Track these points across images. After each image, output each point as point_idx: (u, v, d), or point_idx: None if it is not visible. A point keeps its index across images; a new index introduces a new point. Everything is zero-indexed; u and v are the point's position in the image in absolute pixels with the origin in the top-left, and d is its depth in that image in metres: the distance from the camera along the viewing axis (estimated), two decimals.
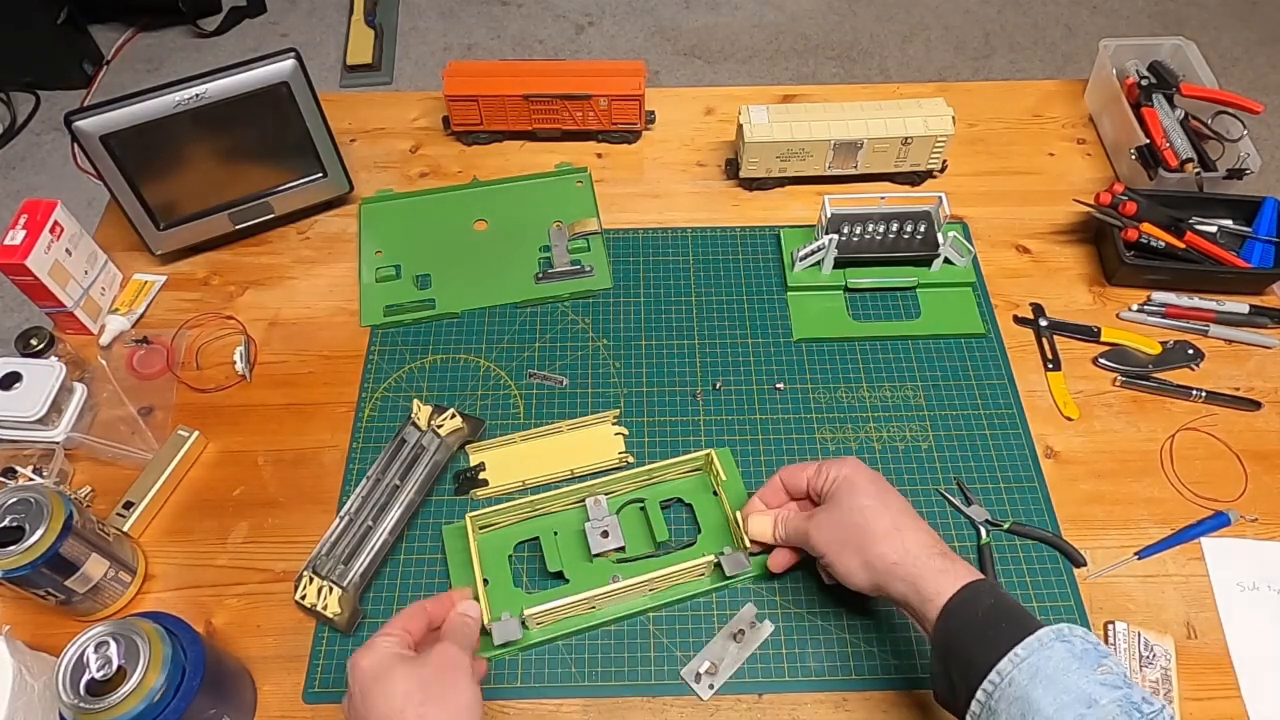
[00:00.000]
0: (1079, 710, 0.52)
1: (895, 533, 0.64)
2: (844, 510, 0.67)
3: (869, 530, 0.65)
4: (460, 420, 0.81)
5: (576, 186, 1.03)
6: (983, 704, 0.55)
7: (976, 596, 0.59)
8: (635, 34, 2.49)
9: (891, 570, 0.63)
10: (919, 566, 0.62)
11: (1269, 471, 0.82)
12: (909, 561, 0.62)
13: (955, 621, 0.59)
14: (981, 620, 0.58)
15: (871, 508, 0.66)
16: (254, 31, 2.50)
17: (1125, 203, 0.92)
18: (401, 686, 0.57)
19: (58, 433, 0.81)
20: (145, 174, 0.88)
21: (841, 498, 0.68)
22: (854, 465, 0.69)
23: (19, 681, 0.64)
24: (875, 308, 0.93)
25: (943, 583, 0.60)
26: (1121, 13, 2.51)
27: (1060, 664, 0.54)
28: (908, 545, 0.63)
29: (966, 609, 0.59)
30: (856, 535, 0.65)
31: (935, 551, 0.63)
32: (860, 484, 0.68)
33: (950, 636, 0.59)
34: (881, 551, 0.64)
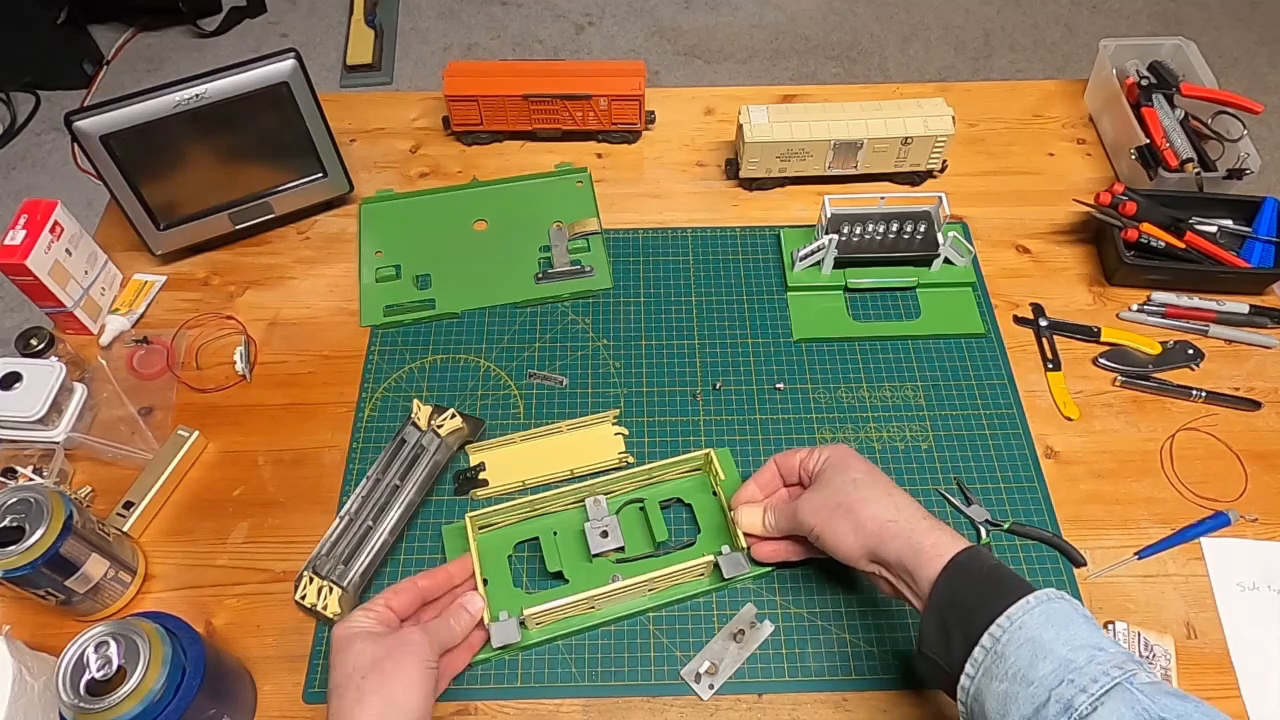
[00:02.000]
0: (1091, 653, 0.52)
1: (887, 496, 0.65)
2: (834, 484, 0.67)
3: (860, 495, 0.65)
4: (460, 420, 0.81)
5: (576, 186, 1.03)
6: (988, 649, 0.55)
7: (979, 556, 0.59)
8: (635, 34, 2.49)
9: (885, 528, 0.63)
10: (914, 524, 0.62)
11: (1269, 471, 0.82)
12: (903, 518, 0.63)
13: (960, 575, 0.58)
14: (987, 575, 0.58)
15: (862, 479, 0.67)
16: (254, 31, 2.50)
17: (1125, 203, 0.92)
18: (354, 659, 0.61)
19: (58, 433, 0.81)
20: (145, 174, 0.88)
21: (832, 475, 0.68)
22: (845, 448, 0.71)
23: (19, 681, 0.64)
24: (875, 308, 0.93)
25: (940, 539, 0.61)
26: (1121, 13, 2.51)
27: (1068, 616, 0.54)
28: (899, 505, 0.64)
29: (972, 565, 0.59)
30: (848, 499, 0.65)
31: (928, 514, 0.64)
32: (851, 462, 0.69)
33: (954, 589, 0.58)
34: (874, 511, 0.64)
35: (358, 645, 0.61)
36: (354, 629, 0.63)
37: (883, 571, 0.64)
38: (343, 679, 0.60)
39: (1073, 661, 0.52)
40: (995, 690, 0.53)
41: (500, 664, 0.72)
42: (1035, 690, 0.51)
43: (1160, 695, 0.50)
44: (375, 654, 0.61)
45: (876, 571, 0.65)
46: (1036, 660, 0.52)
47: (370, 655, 0.61)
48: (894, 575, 0.63)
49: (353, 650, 0.61)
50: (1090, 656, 0.52)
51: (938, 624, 0.58)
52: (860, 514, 0.64)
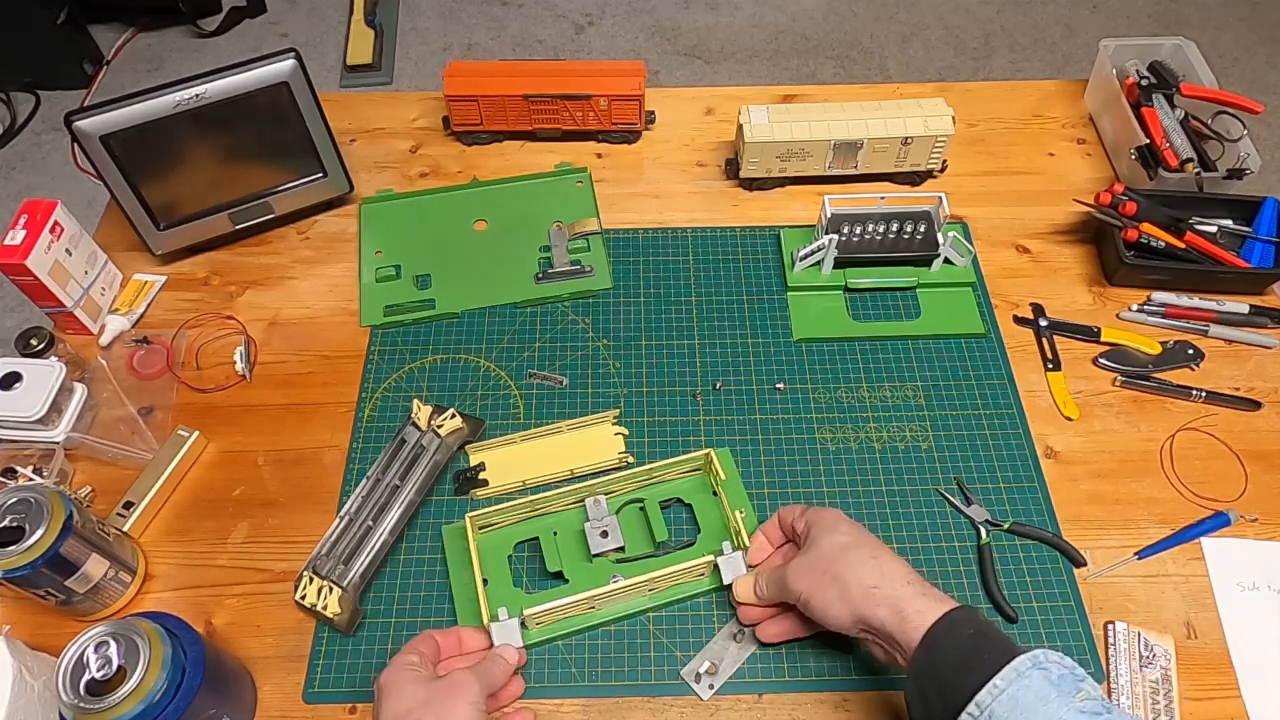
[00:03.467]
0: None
1: (873, 560, 0.64)
2: (821, 548, 0.66)
3: (846, 559, 0.64)
4: (460, 420, 0.81)
5: (576, 186, 1.03)
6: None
7: (956, 625, 0.58)
8: (635, 34, 2.49)
9: (871, 595, 0.62)
10: (899, 589, 0.61)
11: (1269, 471, 0.82)
12: (887, 585, 0.62)
13: (937, 650, 0.58)
14: (962, 648, 0.57)
15: (848, 541, 0.66)
16: (254, 31, 2.50)
17: (1125, 203, 0.92)
18: (406, 701, 0.60)
19: (58, 433, 0.81)
20: (145, 174, 0.88)
21: (818, 537, 0.67)
22: (833, 511, 0.70)
23: (19, 681, 0.64)
24: (875, 308, 0.93)
25: (925, 605, 0.60)
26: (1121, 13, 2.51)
27: (1038, 693, 0.53)
28: (885, 570, 0.63)
29: (948, 636, 0.58)
30: (833, 566, 0.64)
31: (914, 578, 0.63)
32: (838, 525, 0.68)
33: (931, 664, 0.58)
34: (860, 576, 0.63)
35: (408, 689, 0.61)
36: (402, 672, 0.62)
37: (873, 637, 0.63)
38: (399, 711, 0.60)
39: None
40: None
41: None
42: None
43: None
44: (427, 695, 0.60)
45: (867, 637, 0.64)
46: None
47: (423, 696, 0.60)
48: (883, 641, 0.62)
49: (404, 693, 0.61)
50: None
51: (919, 695, 0.58)
52: (846, 580, 0.63)
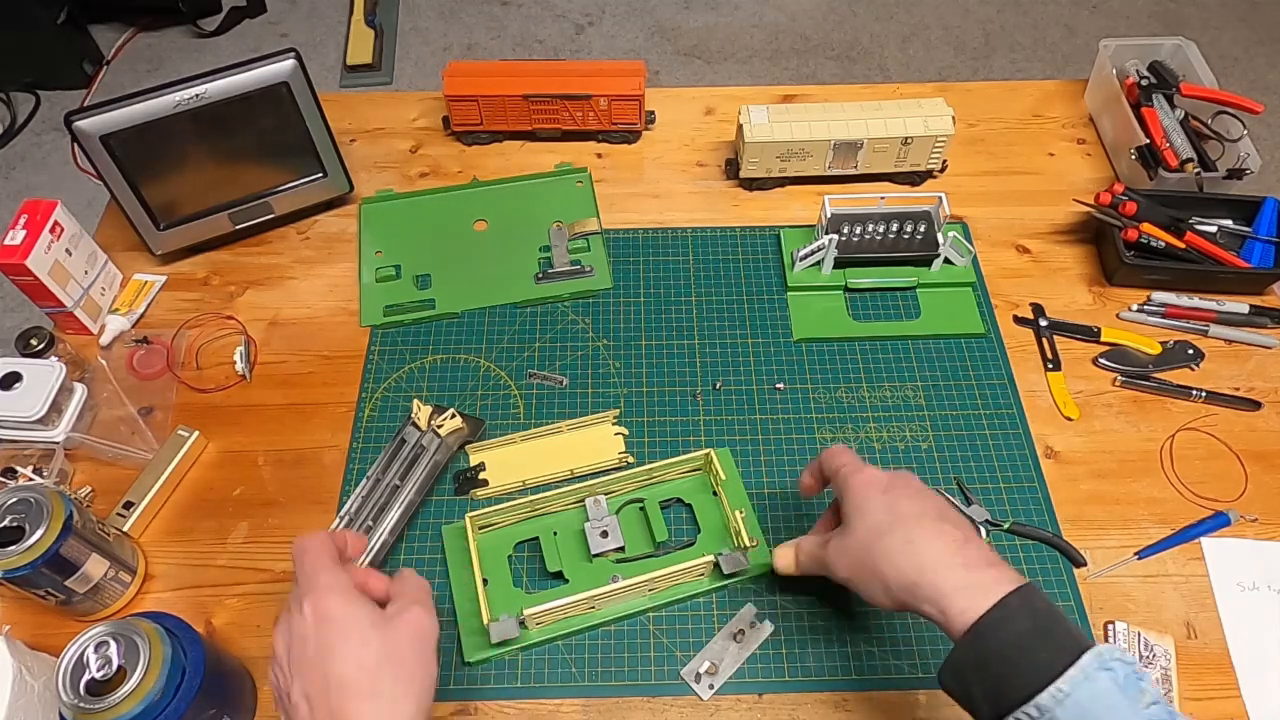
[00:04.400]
0: None
1: (908, 547, 0.58)
2: (855, 534, 0.62)
3: (882, 549, 0.59)
4: (460, 420, 0.81)
5: (576, 186, 1.03)
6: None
7: (1008, 619, 0.53)
8: (635, 34, 2.49)
9: (912, 591, 0.57)
10: (940, 580, 0.56)
11: (1269, 471, 0.82)
12: (926, 581, 0.56)
13: (984, 644, 0.53)
14: (1015, 645, 0.52)
15: (882, 524, 0.60)
16: (254, 31, 2.50)
17: (1125, 203, 0.92)
18: (373, 653, 0.51)
19: (58, 433, 0.81)
20: (145, 174, 0.88)
21: (852, 518, 0.63)
22: (866, 477, 0.64)
23: (19, 681, 0.64)
24: (875, 308, 0.93)
25: (970, 599, 0.54)
26: (1121, 13, 2.51)
27: (1106, 701, 0.49)
28: (923, 561, 0.57)
29: (997, 633, 0.53)
30: (870, 557, 0.60)
31: (957, 562, 0.57)
32: (868, 499, 0.62)
33: (978, 660, 0.53)
34: (899, 570, 0.58)
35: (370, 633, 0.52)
36: (355, 604, 0.53)
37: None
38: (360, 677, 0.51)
39: None
40: None
41: (500, 664, 0.72)
42: None
43: None
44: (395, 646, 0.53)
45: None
46: None
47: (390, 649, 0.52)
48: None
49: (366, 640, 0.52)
50: None
51: (956, 680, 0.55)
52: (884, 574, 0.59)
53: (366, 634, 0.52)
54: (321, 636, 0.51)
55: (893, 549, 0.59)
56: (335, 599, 0.53)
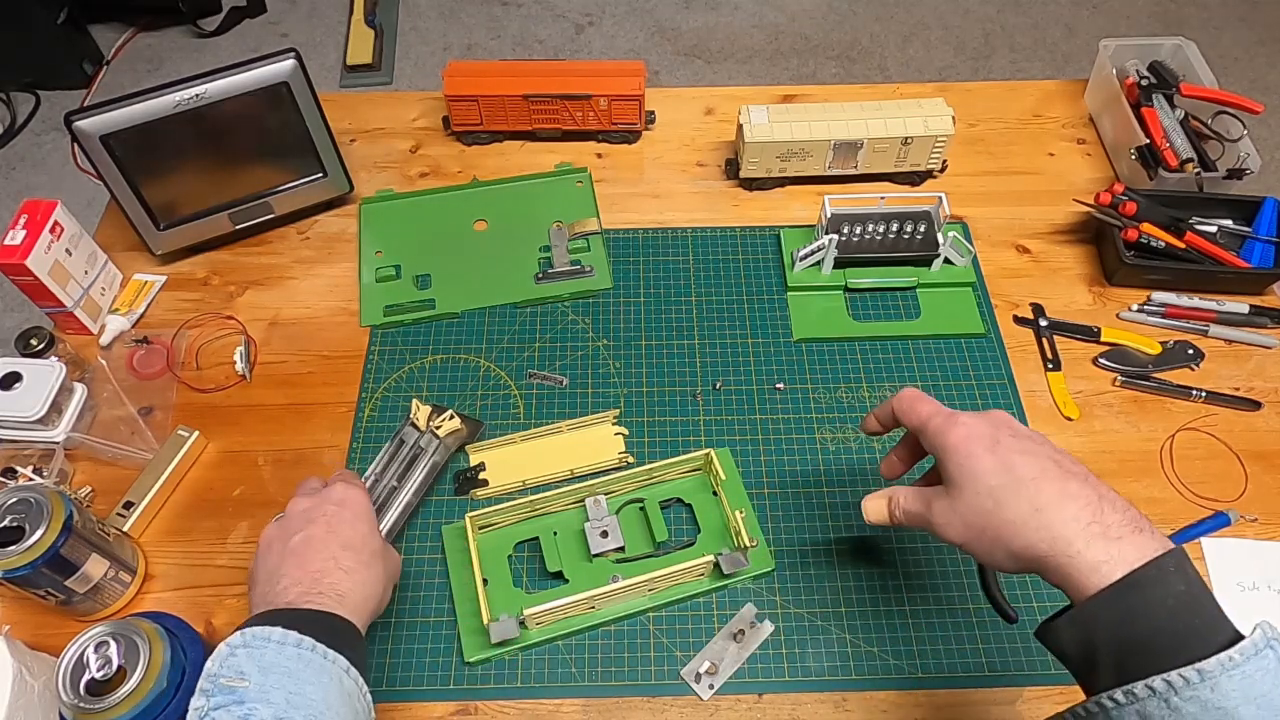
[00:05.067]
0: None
1: (1036, 516, 0.52)
2: (966, 496, 0.55)
3: (1004, 520, 0.53)
4: (459, 422, 0.81)
5: (576, 186, 1.03)
6: (1157, 692, 0.45)
7: (1163, 579, 0.48)
8: (635, 34, 2.49)
9: (1041, 563, 0.52)
10: (1075, 559, 0.50)
11: (1269, 471, 0.82)
12: (1058, 552, 0.51)
13: (1132, 598, 0.48)
14: (1170, 608, 0.48)
15: (999, 487, 0.54)
16: (254, 31, 2.50)
17: (1125, 203, 0.92)
18: (367, 545, 0.64)
19: (58, 433, 0.81)
20: (145, 174, 0.88)
21: (960, 483, 0.56)
22: (965, 429, 0.57)
23: (19, 681, 0.64)
24: (875, 308, 0.93)
25: (1107, 558, 0.49)
26: (1121, 13, 2.51)
27: (1274, 678, 0.45)
28: (1056, 532, 0.51)
29: (1151, 591, 0.48)
30: (992, 525, 0.54)
31: (1093, 532, 0.51)
32: (978, 456, 0.56)
33: (1118, 611, 0.49)
34: (1026, 543, 0.52)
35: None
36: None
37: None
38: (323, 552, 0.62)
39: None
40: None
41: (500, 664, 0.72)
42: None
43: None
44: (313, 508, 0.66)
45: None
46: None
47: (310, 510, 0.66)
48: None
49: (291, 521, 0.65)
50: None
51: (1081, 634, 0.50)
52: (1012, 545, 0.53)
53: (370, 533, 0.65)
54: (346, 508, 0.64)
55: (1019, 519, 0.53)
56: (354, 490, 0.67)
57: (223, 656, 0.51)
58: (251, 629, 0.52)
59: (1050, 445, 0.58)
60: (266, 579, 0.60)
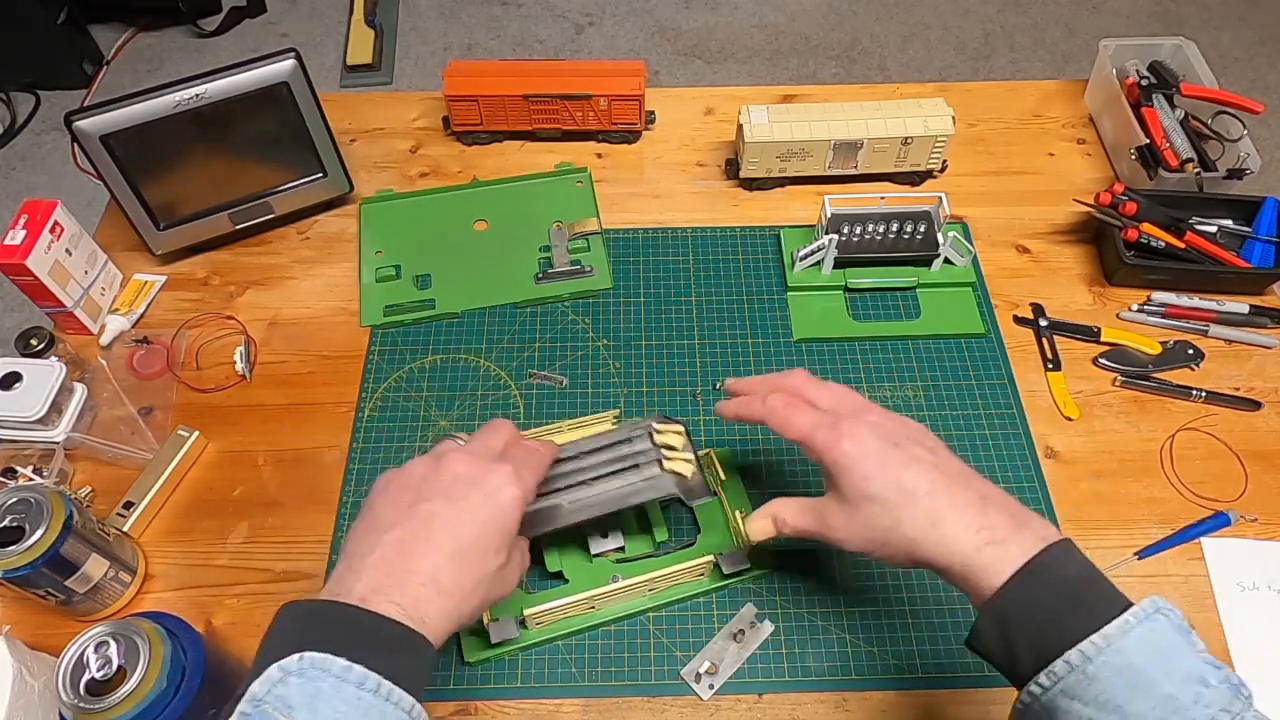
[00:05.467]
0: (1196, 689, 0.47)
1: (933, 530, 0.55)
2: (864, 513, 0.57)
3: (904, 535, 0.56)
4: (691, 466, 0.70)
5: (576, 186, 1.03)
6: (1075, 666, 0.48)
7: (1057, 562, 0.52)
8: (635, 34, 2.49)
9: (942, 571, 0.55)
10: (969, 564, 0.53)
11: (1269, 471, 0.82)
12: (955, 561, 0.54)
13: (1034, 581, 0.51)
14: (1069, 585, 0.51)
15: (896, 505, 0.56)
16: (254, 31, 2.50)
17: (1125, 203, 0.92)
18: (482, 555, 0.54)
19: (58, 433, 0.81)
20: (145, 174, 0.88)
21: (854, 498, 0.57)
22: (852, 446, 0.58)
23: (19, 681, 0.64)
24: (875, 308, 0.93)
25: (1001, 556, 0.52)
26: (1121, 13, 2.51)
27: (1170, 640, 0.48)
28: (950, 544, 0.54)
29: (1048, 572, 0.52)
30: (892, 540, 0.56)
31: (982, 538, 0.53)
32: (869, 474, 0.57)
33: (1026, 596, 0.51)
34: (926, 555, 0.55)
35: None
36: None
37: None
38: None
39: (1176, 699, 0.46)
40: (1077, 712, 0.48)
41: (500, 664, 0.72)
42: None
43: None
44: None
45: None
46: (1135, 693, 0.47)
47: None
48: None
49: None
50: (1195, 695, 0.46)
51: (996, 629, 0.52)
52: (912, 554, 0.56)
53: (498, 541, 0.55)
54: (490, 502, 0.55)
55: (918, 535, 0.55)
56: (514, 488, 0.56)
57: (273, 680, 0.44)
58: (310, 655, 0.45)
59: (928, 443, 0.60)
60: (353, 549, 0.53)
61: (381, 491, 0.56)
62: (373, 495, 0.56)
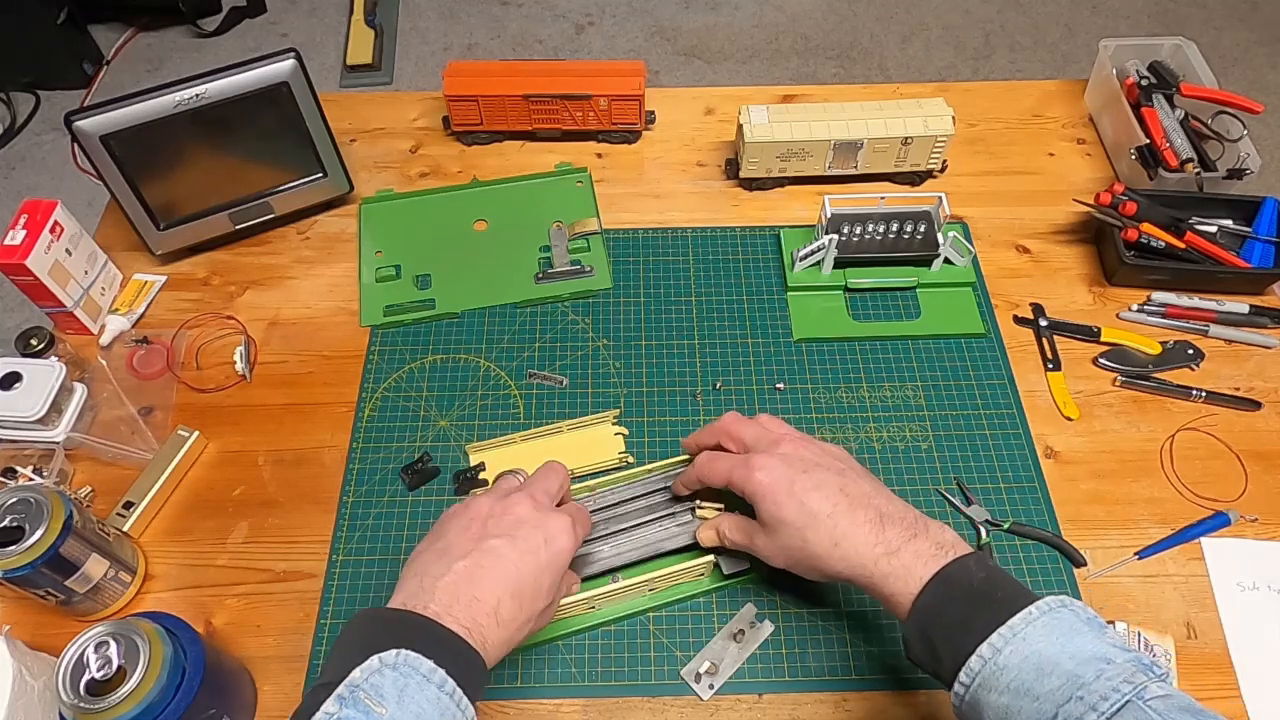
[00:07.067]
0: (1099, 666, 0.50)
1: (835, 549, 0.61)
2: (779, 536, 0.64)
3: (810, 553, 0.62)
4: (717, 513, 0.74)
5: (576, 186, 1.03)
6: (986, 659, 0.53)
7: (965, 569, 0.57)
8: (635, 34, 2.49)
9: (851, 582, 0.62)
10: (872, 581, 0.60)
11: (1269, 471, 0.82)
12: (858, 574, 0.60)
13: (944, 589, 0.57)
14: (976, 589, 0.56)
15: (804, 527, 0.62)
16: (254, 31, 2.50)
17: (1125, 203, 0.92)
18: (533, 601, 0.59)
19: (58, 433, 0.81)
20: (145, 174, 0.88)
21: (770, 523, 0.64)
22: (763, 476, 0.64)
23: (19, 681, 0.64)
24: (875, 308, 0.93)
25: (909, 570, 0.58)
26: (1121, 13, 2.51)
27: (1071, 625, 0.52)
28: (851, 560, 0.60)
29: (957, 579, 0.57)
30: (804, 557, 0.63)
31: (878, 552, 0.60)
32: (780, 503, 0.63)
33: (938, 603, 0.56)
34: (834, 570, 0.61)
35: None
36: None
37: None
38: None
39: (1080, 677, 0.50)
40: (994, 702, 0.52)
41: (500, 664, 0.72)
42: (1040, 705, 0.50)
43: (1174, 712, 0.48)
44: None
45: None
46: (1041, 675, 0.50)
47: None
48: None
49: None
50: (1098, 671, 0.50)
51: (919, 637, 0.57)
52: (823, 570, 0.62)
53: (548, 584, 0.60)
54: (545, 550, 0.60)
55: (823, 552, 0.61)
56: (567, 539, 0.61)
57: (371, 669, 0.49)
58: (405, 652, 0.50)
59: (838, 468, 0.65)
60: (424, 569, 0.58)
61: (451, 519, 0.62)
62: (442, 523, 0.62)
